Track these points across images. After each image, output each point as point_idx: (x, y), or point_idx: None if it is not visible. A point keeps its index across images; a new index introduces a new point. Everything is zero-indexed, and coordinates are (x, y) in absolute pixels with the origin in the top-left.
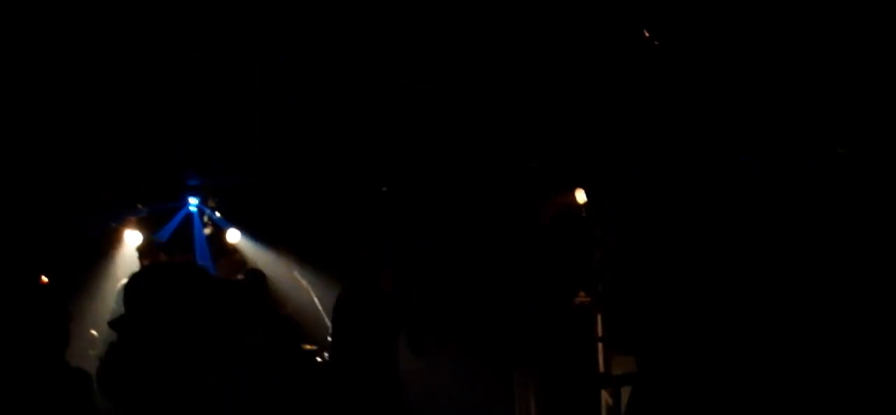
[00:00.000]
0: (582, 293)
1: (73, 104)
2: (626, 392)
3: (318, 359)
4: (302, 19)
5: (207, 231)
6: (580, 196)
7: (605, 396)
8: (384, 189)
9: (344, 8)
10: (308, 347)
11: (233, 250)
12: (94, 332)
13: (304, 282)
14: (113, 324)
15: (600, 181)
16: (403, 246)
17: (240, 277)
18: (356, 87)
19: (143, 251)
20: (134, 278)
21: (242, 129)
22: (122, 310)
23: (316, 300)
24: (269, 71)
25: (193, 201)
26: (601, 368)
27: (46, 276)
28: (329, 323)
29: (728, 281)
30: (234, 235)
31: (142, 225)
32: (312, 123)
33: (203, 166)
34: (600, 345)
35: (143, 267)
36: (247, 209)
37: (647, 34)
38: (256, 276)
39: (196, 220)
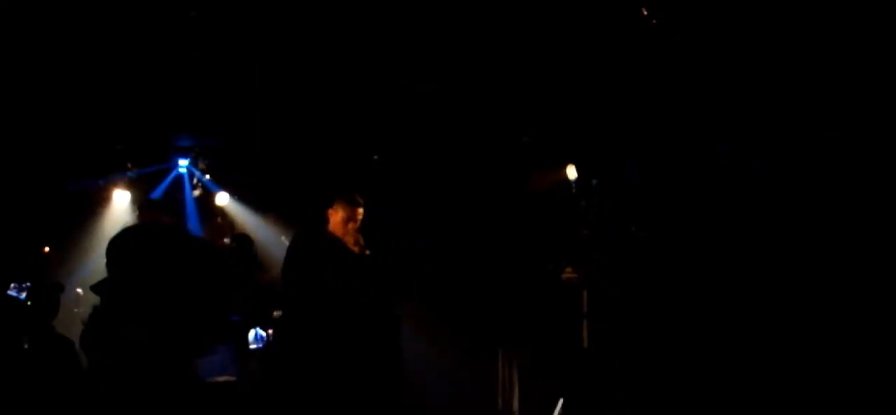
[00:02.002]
0: (568, 269)
1: (65, 64)
2: (609, 369)
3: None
4: None
5: (196, 193)
6: (571, 172)
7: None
8: (375, 158)
9: None
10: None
11: (221, 213)
12: (79, 290)
13: None
14: (95, 288)
15: (592, 158)
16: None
17: (227, 240)
18: (347, 52)
19: (143, 210)
20: (118, 237)
21: (235, 94)
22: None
23: None
24: (264, 38)
25: (183, 163)
26: (585, 344)
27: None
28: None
29: (721, 265)
30: (222, 199)
31: (131, 185)
32: (303, 90)
33: (194, 128)
34: (585, 322)
35: (126, 227)
36: (236, 172)
37: (644, 12)
38: (243, 241)
39: (186, 182)
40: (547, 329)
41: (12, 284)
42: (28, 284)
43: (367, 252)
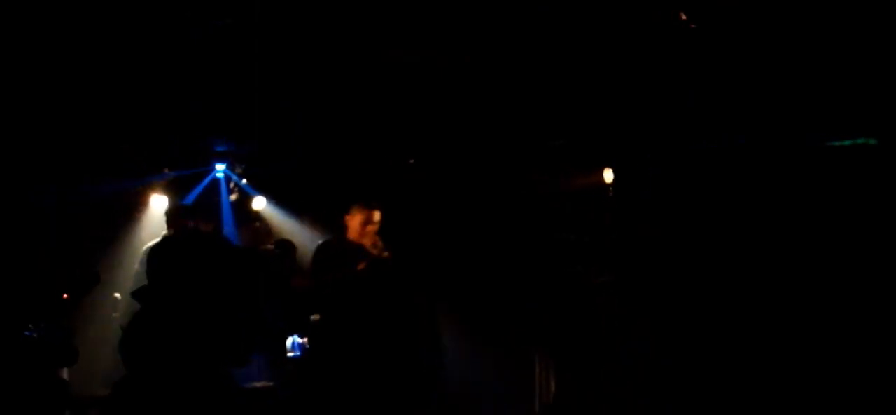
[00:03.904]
0: (604, 273)
1: (103, 67)
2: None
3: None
4: None
5: (233, 198)
6: (607, 176)
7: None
8: (411, 161)
9: None
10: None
11: (257, 218)
12: (117, 295)
13: None
14: (136, 294)
15: (627, 161)
16: (423, 220)
17: (270, 246)
18: (381, 61)
19: (170, 217)
20: (157, 248)
21: (271, 98)
22: (144, 273)
23: None
24: (297, 39)
25: (220, 167)
26: (618, 346)
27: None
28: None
29: (746, 266)
30: (259, 203)
31: (168, 189)
32: (340, 95)
33: (231, 132)
34: (620, 325)
35: (168, 235)
36: (273, 177)
37: (683, 16)
38: (286, 247)
39: (223, 186)
40: (584, 331)
41: (29, 325)
42: (42, 326)
43: (386, 255)
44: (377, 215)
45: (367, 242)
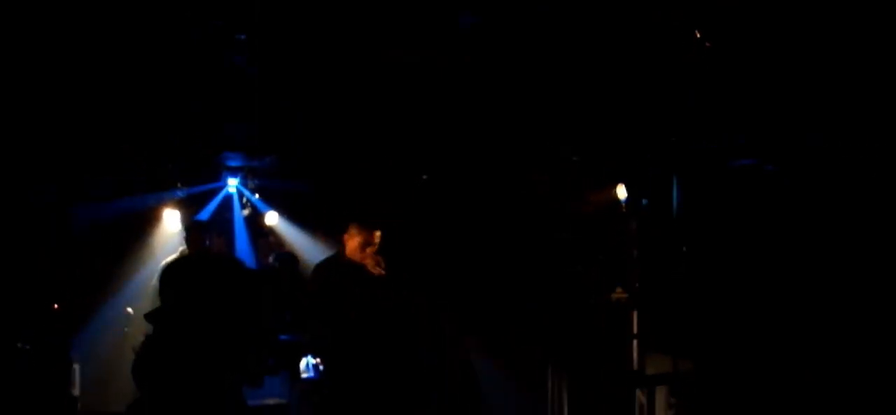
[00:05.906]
0: (619, 290)
1: (114, 84)
2: (660, 391)
3: None
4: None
5: (245, 213)
6: (621, 192)
7: (638, 394)
8: (424, 177)
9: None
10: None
11: (269, 233)
12: (129, 309)
13: None
14: (149, 317)
15: (640, 178)
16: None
17: (270, 259)
18: (395, 75)
19: (188, 233)
20: (167, 270)
21: (283, 112)
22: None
23: None
24: (308, 55)
25: (233, 183)
26: (635, 366)
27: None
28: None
29: (762, 279)
30: (271, 218)
31: (181, 205)
32: (354, 110)
33: (244, 148)
34: (635, 342)
35: (181, 255)
36: (285, 192)
37: (697, 34)
38: (287, 260)
39: (235, 201)
40: (597, 348)
41: (18, 344)
42: (34, 338)
43: (383, 273)
44: (377, 236)
45: (368, 262)
